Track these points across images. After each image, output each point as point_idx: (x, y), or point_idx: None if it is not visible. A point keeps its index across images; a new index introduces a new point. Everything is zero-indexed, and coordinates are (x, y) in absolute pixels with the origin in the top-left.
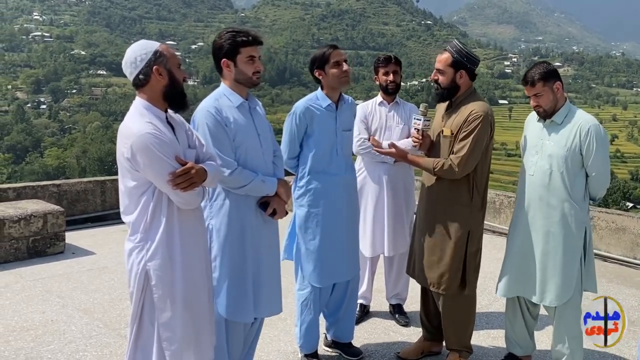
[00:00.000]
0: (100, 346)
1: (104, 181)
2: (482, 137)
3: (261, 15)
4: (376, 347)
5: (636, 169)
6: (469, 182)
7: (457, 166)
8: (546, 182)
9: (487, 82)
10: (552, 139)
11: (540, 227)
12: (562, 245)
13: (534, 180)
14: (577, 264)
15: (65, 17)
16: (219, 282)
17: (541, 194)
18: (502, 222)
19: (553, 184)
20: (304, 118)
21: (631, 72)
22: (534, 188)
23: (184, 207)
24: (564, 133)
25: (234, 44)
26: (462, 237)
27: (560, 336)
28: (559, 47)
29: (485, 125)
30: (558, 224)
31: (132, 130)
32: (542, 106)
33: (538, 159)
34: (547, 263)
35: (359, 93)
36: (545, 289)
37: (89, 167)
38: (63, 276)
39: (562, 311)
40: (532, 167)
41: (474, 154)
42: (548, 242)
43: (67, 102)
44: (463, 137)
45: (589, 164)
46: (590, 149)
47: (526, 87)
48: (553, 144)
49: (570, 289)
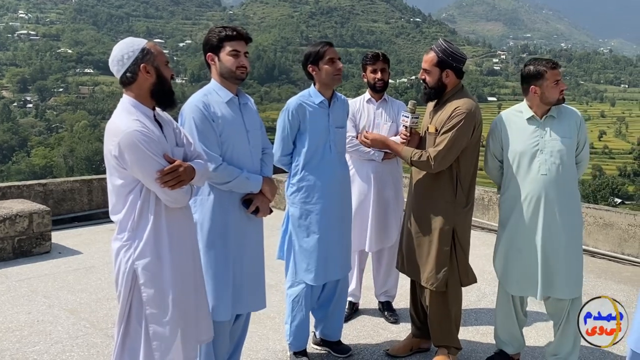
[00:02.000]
0: (86, 346)
1: (91, 180)
2: (463, 134)
3: (249, 13)
4: (365, 345)
5: (624, 165)
6: (452, 178)
7: (434, 159)
8: (560, 177)
9: (475, 79)
10: (554, 134)
11: (561, 223)
12: (577, 236)
13: (548, 179)
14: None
15: (52, 15)
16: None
17: (558, 190)
18: (491, 219)
19: (565, 177)
20: (297, 115)
21: (619, 68)
22: (548, 186)
23: (171, 206)
24: (564, 126)
25: (218, 38)
26: (447, 233)
27: (569, 330)
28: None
29: (468, 122)
30: (573, 216)
31: (119, 127)
32: (564, 90)
33: (546, 157)
34: (570, 256)
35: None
36: (568, 283)
37: (77, 167)
38: (49, 276)
39: (575, 304)
40: (542, 166)
41: (452, 150)
42: (569, 235)
43: (53, 100)
44: (443, 132)
45: (581, 152)
46: (583, 138)
47: (556, 69)
48: (558, 139)
49: (582, 278)
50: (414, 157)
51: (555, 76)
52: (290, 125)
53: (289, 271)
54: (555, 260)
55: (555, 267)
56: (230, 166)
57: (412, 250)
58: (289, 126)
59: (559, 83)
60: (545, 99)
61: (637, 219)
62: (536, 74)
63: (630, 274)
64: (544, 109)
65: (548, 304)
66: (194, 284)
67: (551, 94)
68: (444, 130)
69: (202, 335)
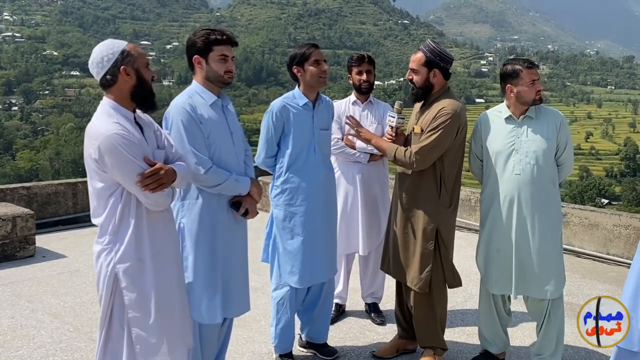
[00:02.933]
0: (70, 351)
1: (76, 183)
2: (447, 134)
3: (237, 15)
4: (352, 347)
5: (611, 166)
6: (436, 179)
7: (415, 155)
8: (534, 178)
9: (463, 81)
10: (531, 134)
11: (535, 223)
12: (554, 237)
13: (522, 179)
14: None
15: (37, 17)
16: (189, 282)
17: (532, 190)
18: (478, 220)
19: (540, 178)
20: (281, 116)
21: (605, 70)
22: (521, 186)
23: (153, 209)
24: (541, 127)
25: (207, 41)
26: (430, 234)
27: (551, 330)
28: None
29: (453, 123)
30: (548, 217)
31: (99, 130)
32: (541, 90)
33: (521, 157)
34: (544, 257)
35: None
36: (544, 283)
37: (63, 170)
38: (33, 280)
39: (554, 305)
40: (517, 166)
41: (434, 150)
42: (543, 236)
43: (39, 103)
44: (428, 131)
45: (562, 154)
46: (564, 140)
47: (535, 69)
48: (534, 139)
49: (563, 280)
50: (397, 153)
51: (531, 76)
52: (274, 127)
53: (274, 274)
54: (528, 260)
55: (528, 267)
56: (220, 169)
57: (397, 251)
58: (273, 128)
59: (535, 83)
60: (521, 98)
61: (622, 220)
62: (512, 73)
63: (615, 274)
64: (521, 109)
65: (529, 305)
66: (177, 288)
67: (527, 93)
68: (428, 129)
69: (188, 339)
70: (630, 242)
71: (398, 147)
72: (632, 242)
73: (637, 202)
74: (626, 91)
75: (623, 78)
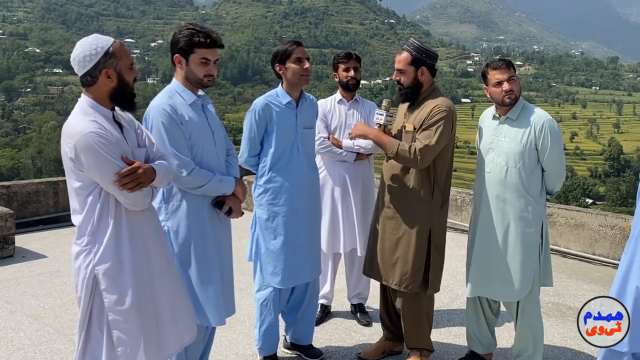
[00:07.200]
0: (50, 353)
1: (57, 182)
2: (446, 130)
3: (222, 13)
4: (337, 348)
5: (595, 166)
6: (429, 178)
7: (420, 153)
8: (503, 179)
9: (449, 80)
10: (508, 135)
11: (499, 224)
12: (520, 241)
13: (491, 177)
14: (535, 259)
15: (19, 14)
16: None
17: (498, 190)
18: (464, 220)
19: (509, 180)
20: (264, 115)
21: (590, 71)
22: (491, 185)
23: (131, 208)
24: (519, 129)
25: (189, 42)
26: (424, 234)
27: (524, 331)
28: (520, 47)
29: (449, 120)
30: (516, 220)
31: (75, 129)
32: (514, 92)
33: (494, 155)
34: (506, 259)
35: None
36: (505, 285)
37: (45, 168)
38: (12, 281)
39: (524, 306)
40: (488, 165)
41: (437, 147)
42: (507, 238)
43: (21, 101)
44: (427, 127)
45: (544, 158)
46: (545, 144)
47: (501, 69)
48: (509, 141)
49: (529, 284)
50: (400, 149)
51: (496, 76)
52: (257, 126)
53: (257, 274)
54: (487, 261)
55: (488, 268)
56: (203, 170)
57: (384, 253)
58: (255, 126)
59: (503, 84)
60: (494, 99)
61: (608, 220)
62: (482, 74)
63: (601, 274)
64: (502, 109)
65: (505, 305)
66: (165, 289)
67: (494, 94)
68: (426, 127)
69: (184, 337)
70: (615, 242)
71: (400, 142)
72: (618, 242)
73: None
74: (610, 92)
75: (607, 79)
